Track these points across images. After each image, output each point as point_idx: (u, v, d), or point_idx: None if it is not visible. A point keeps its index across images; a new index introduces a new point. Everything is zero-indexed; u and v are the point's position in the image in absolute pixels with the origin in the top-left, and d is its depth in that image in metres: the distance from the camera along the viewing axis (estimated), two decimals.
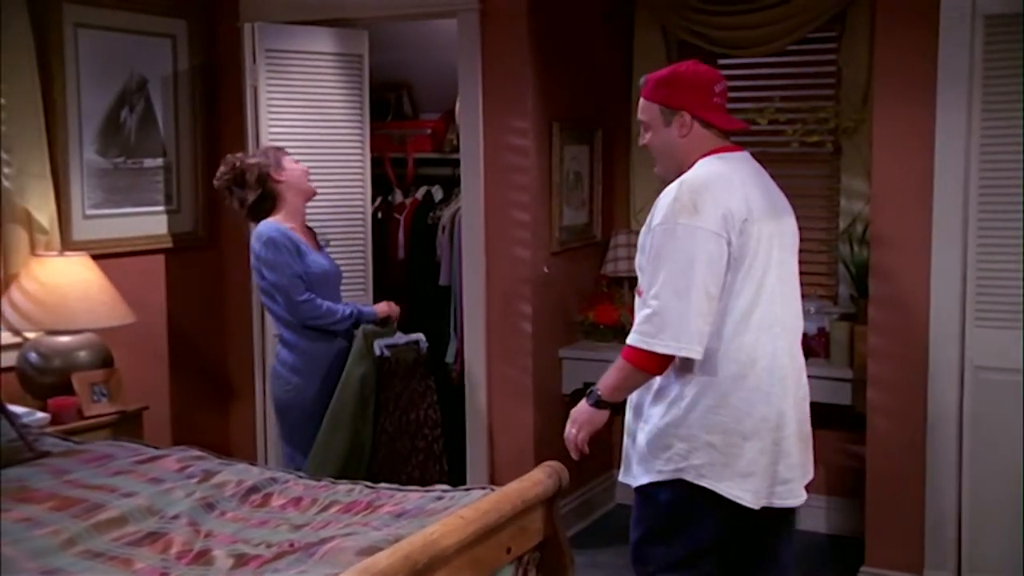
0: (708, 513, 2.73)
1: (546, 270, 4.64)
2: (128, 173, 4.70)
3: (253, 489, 2.90)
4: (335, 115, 4.77)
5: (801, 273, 4.74)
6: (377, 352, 3.94)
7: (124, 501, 2.73)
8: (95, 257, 4.39)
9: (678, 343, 2.59)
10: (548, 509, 2.85)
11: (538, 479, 2.78)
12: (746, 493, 2.70)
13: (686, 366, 2.68)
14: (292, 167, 4.00)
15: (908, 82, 3.85)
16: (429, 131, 5.32)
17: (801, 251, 4.74)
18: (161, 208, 4.86)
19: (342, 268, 4.23)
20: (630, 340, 2.65)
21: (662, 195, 2.72)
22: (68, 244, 4.39)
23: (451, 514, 2.50)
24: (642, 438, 2.79)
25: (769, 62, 4.94)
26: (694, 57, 4.96)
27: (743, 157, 2.85)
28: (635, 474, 2.83)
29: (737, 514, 2.73)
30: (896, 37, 3.87)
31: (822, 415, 4.68)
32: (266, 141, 4.54)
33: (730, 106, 5.00)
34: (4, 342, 4.18)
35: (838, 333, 4.42)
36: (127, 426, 4.12)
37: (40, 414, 3.86)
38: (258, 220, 4.00)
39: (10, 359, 4.15)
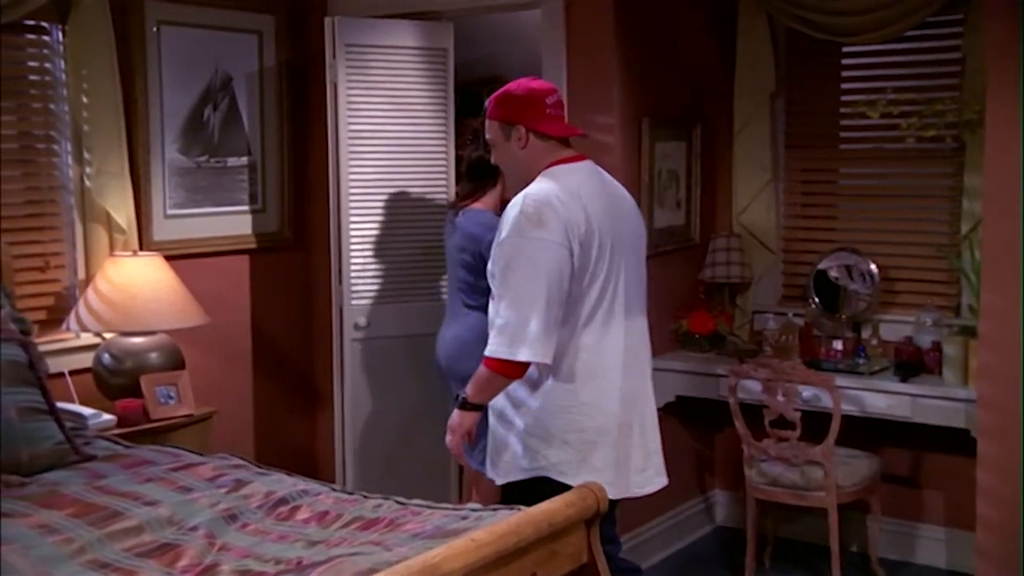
0: None
1: None
2: (211, 172, 4.81)
3: (281, 501, 2.91)
4: (418, 111, 4.76)
5: (917, 280, 4.64)
6: None
7: (145, 510, 2.77)
8: (177, 258, 4.51)
9: (531, 350, 2.93)
10: (586, 532, 2.77)
11: (570, 500, 2.70)
12: (605, 486, 2.94)
13: (540, 370, 3.06)
14: None
15: None
16: None
17: (917, 257, 4.64)
18: (245, 208, 4.95)
19: (424, 266, 4.73)
20: (488, 351, 3.00)
21: (508, 208, 3.05)
22: (149, 244, 4.50)
23: (465, 536, 2.44)
24: (509, 439, 3.15)
25: (885, 49, 4.71)
26: (803, 45, 4.84)
27: (585, 166, 3.20)
28: (500, 472, 3.20)
29: None
30: (1010, 21, 3.60)
31: (935, 439, 4.46)
32: (346, 139, 4.58)
33: (842, 99, 4.86)
34: (82, 343, 4.33)
35: (951, 348, 4.17)
36: (196, 430, 4.19)
37: (106, 416, 3.97)
38: (473, 179, 4.15)
39: (87, 360, 4.28)
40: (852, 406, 4.29)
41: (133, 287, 4.14)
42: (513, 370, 2.98)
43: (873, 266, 4.66)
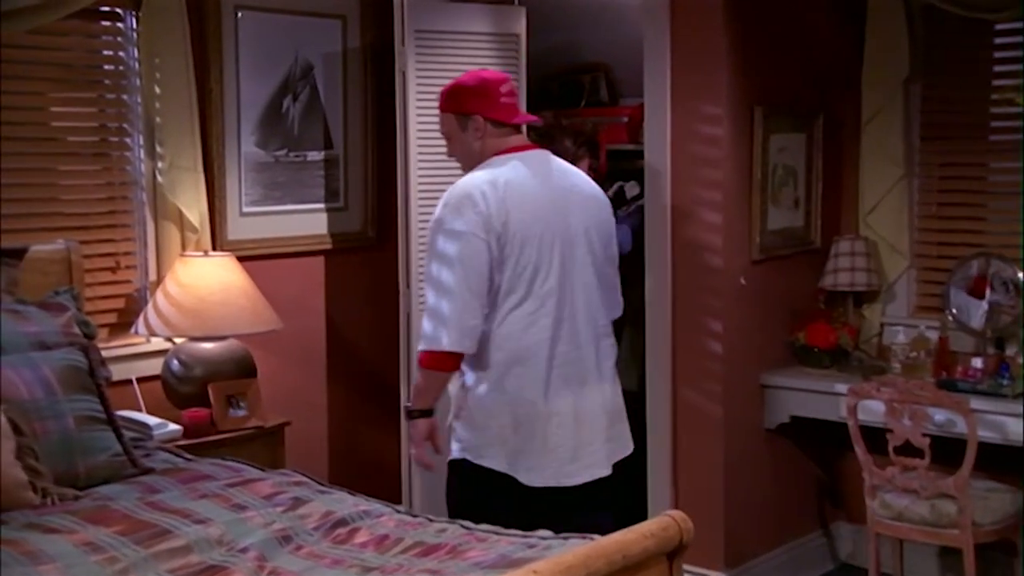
0: (492, 491, 3.35)
1: (743, 281, 4.48)
2: (290, 167, 4.90)
3: (340, 522, 2.95)
4: None
5: None
6: None
7: (194, 529, 2.84)
8: (253, 258, 4.60)
9: (451, 338, 3.24)
10: (668, 566, 2.75)
11: (649, 531, 2.68)
12: (525, 472, 3.34)
13: (468, 358, 3.34)
14: None
15: None
16: (625, 119, 5.26)
17: None
18: (327, 205, 5.03)
19: None
20: (420, 346, 3.34)
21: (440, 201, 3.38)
22: (223, 244, 4.60)
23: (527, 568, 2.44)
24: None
25: None
26: (944, 24, 4.70)
27: (533, 155, 3.46)
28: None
29: (525, 493, 3.34)
30: None
31: None
32: (414, 131, 4.62)
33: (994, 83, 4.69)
34: (153, 348, 4.45)
35: None
36: (267, 442, 4.28)
37: (172, 426, 4.07)
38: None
39: (157, 366, 4.39)
40: (992, 432, 4.15)
41: (203, 289, 4.22)
42: (444, 362, 3.30)
43: (1021, 274, 4.50)
